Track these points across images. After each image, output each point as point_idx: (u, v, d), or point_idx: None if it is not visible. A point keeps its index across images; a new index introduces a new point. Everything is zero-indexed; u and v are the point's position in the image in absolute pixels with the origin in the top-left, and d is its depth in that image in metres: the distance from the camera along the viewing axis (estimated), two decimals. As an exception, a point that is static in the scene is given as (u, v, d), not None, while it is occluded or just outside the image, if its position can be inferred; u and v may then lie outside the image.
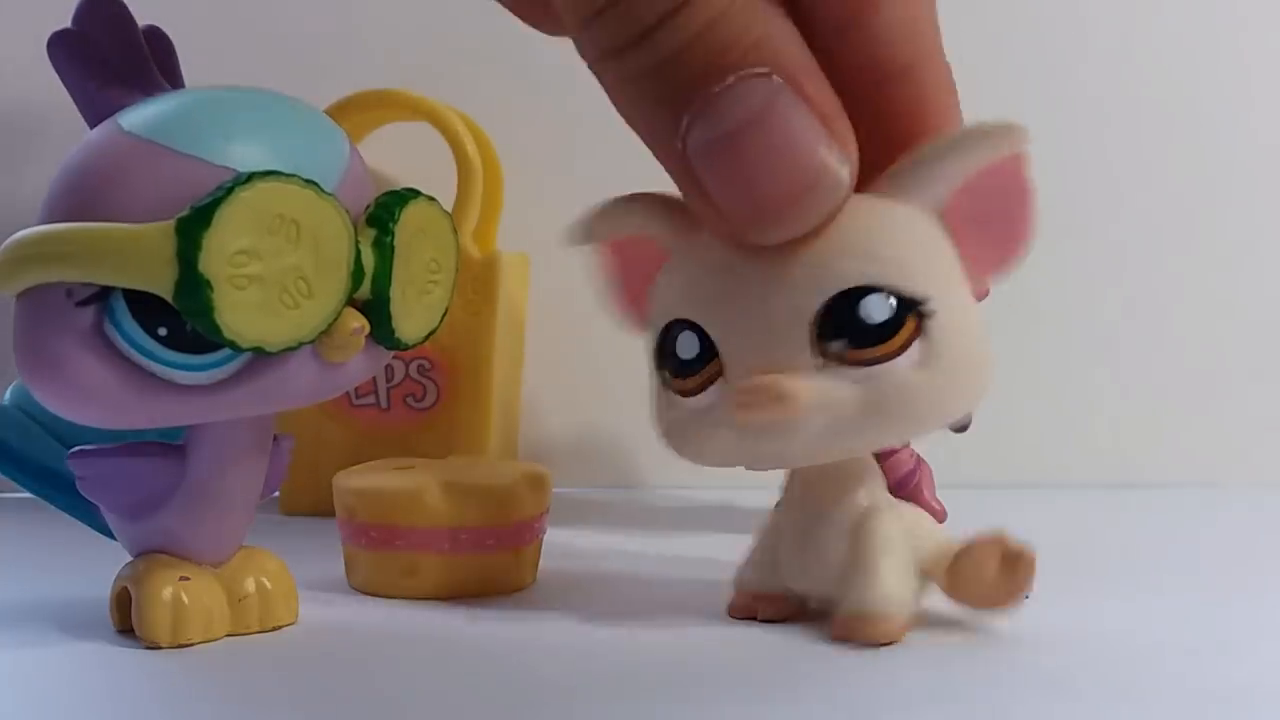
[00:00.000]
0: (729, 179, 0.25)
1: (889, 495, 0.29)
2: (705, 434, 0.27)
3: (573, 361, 0.55)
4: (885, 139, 0.26)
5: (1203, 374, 0.55)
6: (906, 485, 0.40)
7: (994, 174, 0.26)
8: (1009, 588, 0.28)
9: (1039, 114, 0.55)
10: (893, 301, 0.25)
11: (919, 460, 0.41)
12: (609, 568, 0.37)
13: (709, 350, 0.27)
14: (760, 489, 0.46)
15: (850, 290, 0.25)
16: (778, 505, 0.30)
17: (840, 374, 0.25)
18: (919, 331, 0.25)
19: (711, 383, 0.27)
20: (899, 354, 0.25)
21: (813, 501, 0.29)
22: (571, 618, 0.31)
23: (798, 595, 0.30)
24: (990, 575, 0.28)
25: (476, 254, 0.47)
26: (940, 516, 0.40)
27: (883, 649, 0.27)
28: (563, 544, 0.38)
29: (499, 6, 0.30)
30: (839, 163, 0.25)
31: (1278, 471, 0.54)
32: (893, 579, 0.28)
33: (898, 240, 0.26)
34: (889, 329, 0.25)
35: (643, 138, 0.26)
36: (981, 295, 0.39)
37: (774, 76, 0.24)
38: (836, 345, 0.25)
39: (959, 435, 0.44)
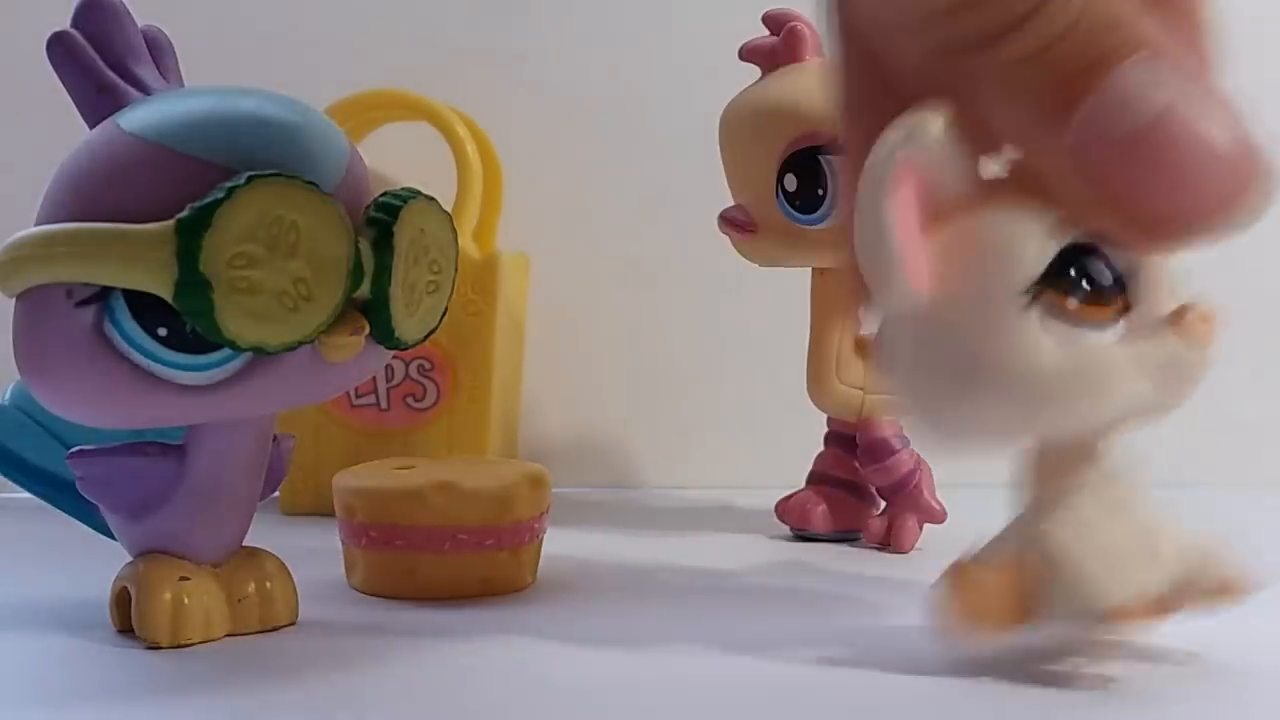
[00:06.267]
0: (1139, 181, 0.22)
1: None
2: (1125, 371, 0.24)
3: (573, 361, 0.55)
4: None
5: (1203, 374, 0.55)
6: (906, 485, 0.40)
7: None
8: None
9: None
10: None
11: (919, 460, 0.41)
12: (609, 568, 0.37)
13: (1119, 281, 0.24)
14: (760, 489, 0.46)
15: None
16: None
17: None
18: None
19: (1122, 315, 0.24)
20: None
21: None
22: (571, 618, 0.31)
23: None
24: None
25: (476, 254, 0.47)
26: (940, 517, 0.40)
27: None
28: (563, 544, 0.37)
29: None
30: (1263, 154, 0.22)
31: (1278, 472, 0.54)
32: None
33: None
34: None
35: (1010, 131, 0.23)
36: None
37: (1167, 59, 0.21)
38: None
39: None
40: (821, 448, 0.43)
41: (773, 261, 0.41)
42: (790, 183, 0.39)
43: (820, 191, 0.38)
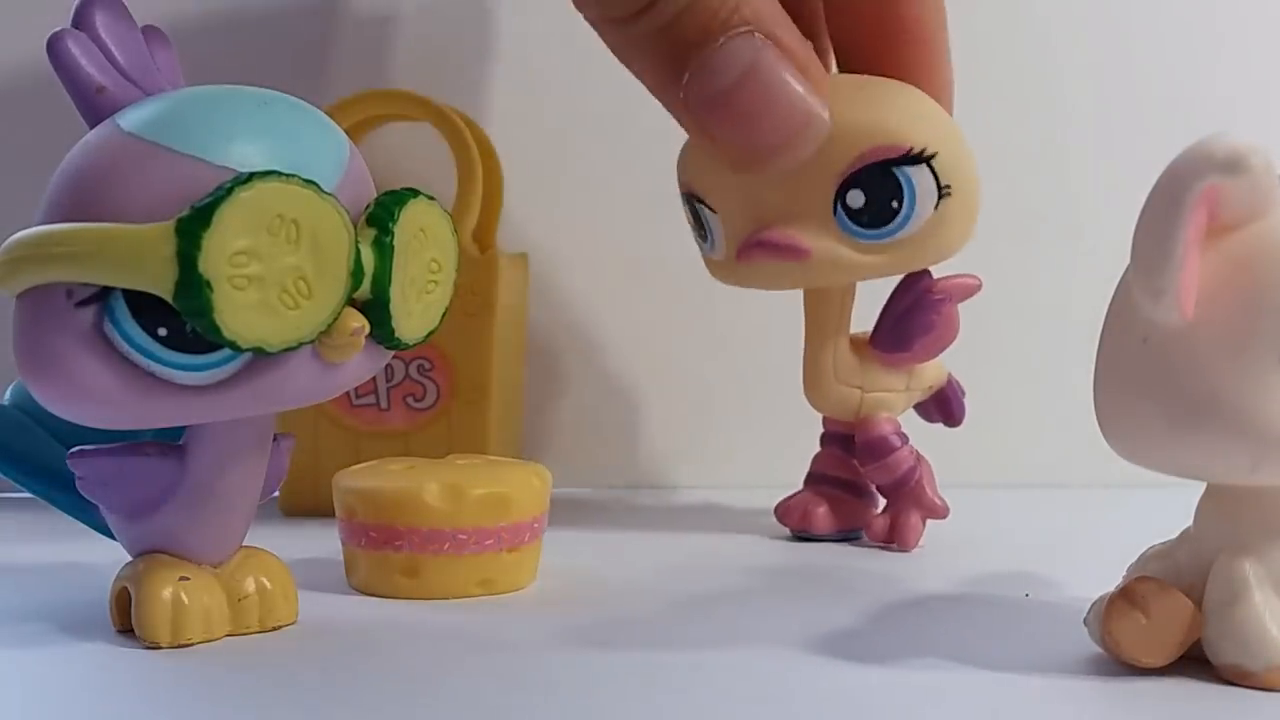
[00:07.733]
0: (728, 127, 0.30)
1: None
2: None
3: (573, 361, 0.55)
4: (883, 47, 0.33)
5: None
6: (908, 481, 0.40)
7: None
8: None
9: (1041, 113, 0.55)
10: None
11: (919, 458, 0.41)
12: (609, 568, 0.37)
13: None
14: (759, 489, 0.46)
15: None
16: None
17: None
18: None
19: None
20: None
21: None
22: (571, 618, 0.31)
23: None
24: None
25: (476, 254, 0.47)
26: (943, 512, 0.40)
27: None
28: (563, 544, 0.37)
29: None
30: (819, 106, 0.31)
31: (1278, 471, 0.54)
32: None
33: None
34: None
35: (649, 89, 0.32)
36: (973, 289, 0.40)
37: (755, 34, 0.29)
38: None
39: (958, 432, 0.44)
40: (819, 448, 0.43)
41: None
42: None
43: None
